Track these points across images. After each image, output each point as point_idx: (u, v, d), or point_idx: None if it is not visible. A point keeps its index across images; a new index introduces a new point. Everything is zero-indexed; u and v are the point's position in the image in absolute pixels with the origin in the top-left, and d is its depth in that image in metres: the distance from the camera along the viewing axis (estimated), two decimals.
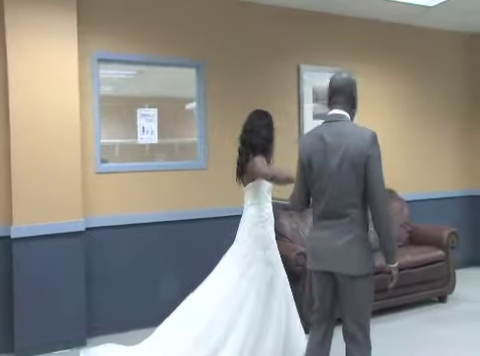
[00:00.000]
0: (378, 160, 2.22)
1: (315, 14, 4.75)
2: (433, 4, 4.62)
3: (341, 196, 2.26)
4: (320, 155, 2.31)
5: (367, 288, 2.29)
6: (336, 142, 2.26)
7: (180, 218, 4.11)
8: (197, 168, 4.21)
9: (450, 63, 5.72)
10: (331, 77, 2.46)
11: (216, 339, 2.78)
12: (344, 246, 2.25)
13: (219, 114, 4.28)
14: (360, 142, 2.21)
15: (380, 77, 5.20)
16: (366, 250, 2.27)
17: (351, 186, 2.23)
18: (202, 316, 2.89)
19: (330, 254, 2.30)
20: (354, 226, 2.25)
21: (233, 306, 2.84)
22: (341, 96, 2.37)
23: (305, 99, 4.70)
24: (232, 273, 2.95)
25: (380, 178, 2.20)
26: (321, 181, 2.31)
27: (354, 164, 2.20)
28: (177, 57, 4.11)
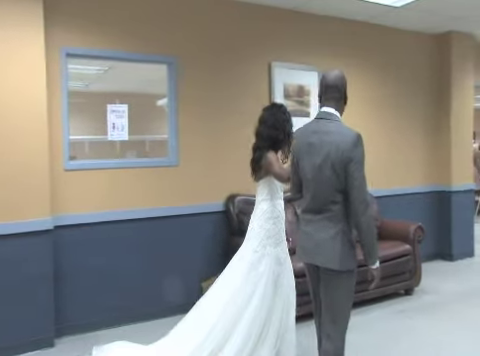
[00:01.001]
0: (359, 163, 2.23)
1: (286, 12, 4.78)
2: (399, 4, 4.72)
3: (323, 193, 2.31)
4: (305, 153, 2.38)
5: (347, 285, 2.32)
6: (320, 142, 2.31)
7: (152, 215, 4.08)
8: (168, 165, 4.18)
9: (416, 63, 5.86)
10: (323, 75, 2.50)
11: (221, 336, 2.82)
12: (327, 240, 2.29)
13: (191, 111, 4.26)
14: (342, 144, 2.23)
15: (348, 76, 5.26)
16: (348, 246, 2.28)
17: (332, 184, 2.27)
18: (208, 317, 2.92)
19: (314, 248, 2.35)
20: (337, 221, 2.29)
21: (240, 300, 2.88)
22: (332, 93, 2.41)
23: (276, 96, 4.73)
24: (241, 267, 2.97)
25: (359, 182, 2.21)
26: (305, 178, 2.39)
27: (334, 164, 2.24)
28: (148, 53, 4.06)
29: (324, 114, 2.39)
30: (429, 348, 3.40)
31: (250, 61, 4.60)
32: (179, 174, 4.22)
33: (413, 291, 4.65)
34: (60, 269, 3.70)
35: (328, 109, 2.40)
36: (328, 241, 2.28)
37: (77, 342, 3.65)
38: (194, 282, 4.26)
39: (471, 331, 3.69)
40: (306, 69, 4.92)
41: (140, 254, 4.05)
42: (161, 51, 4.12)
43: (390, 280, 4.38)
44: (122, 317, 3.97)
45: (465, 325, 3.81)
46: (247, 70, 4.59)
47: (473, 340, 3.51)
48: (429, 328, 3.77)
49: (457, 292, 4.69)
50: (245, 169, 4.52)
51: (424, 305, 4.34)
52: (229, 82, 4.48)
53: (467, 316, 4.03)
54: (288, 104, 4.77)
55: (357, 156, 2.23)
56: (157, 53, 4.10)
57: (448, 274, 5.37)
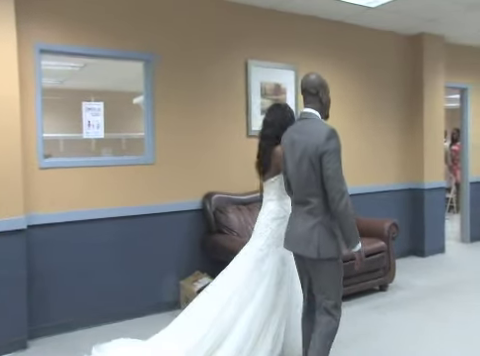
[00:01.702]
0: (333, 155, 2.38)
1: (263, 11, 4.79)
2: (374, 5, 4.80)
3: (303, 187, 2.49)
4: (290, 150, 2.58)
5: (332, 270, 2.48)
6: (300, 139, 2.50)
7: (128, 214, 4.05)
8: (145, 163, 4.15)
9: (391, 63, 5.96)
10: (303, 77, 2.66)
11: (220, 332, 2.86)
12: (307, 231, 2.47)
13: (167, 108, 4.24)
14: (317, 138, 2.41)
15: (325, 75, 5.31)
16: (328, 235, 2.43)
17: (311, 178, 2.43)
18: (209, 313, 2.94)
19: (296, 239, 2.55)
20: (316, 213, 2.45)
21: (242, 298, 2.91)
22: (309, 96, 2.59)
23: (252, 94, 4.74)
24: (245, 265, 3.01)
25: (334, 173, 2.36)
26: (291, 173, 2.58)
27: (311, 158, 2.42)
28: (125, 50, 4.02)
29: (304, 114, 2.60)
30: (404, 342, 3.47)
31: (227, 59, 4.61)
32: (156, 172, 4.19)
33: (387, 287, 4.73)
34: (34, 269, 3.63)
35: (307, 109, 2.59)
36: (307, 232, 2.46)
37: (52, 343, 3.59)
38: (172, 280, 4.25)
39: (442, 324, 3.78)
40: (283, 68, 4.95)
41: (117, 253, 4.02)
42: (138, 48, 4.08)
43: (366, 276, 4.45)
44: (99, 317, 3.92)
45: (437, 319, 3.91)
46: (224, 68, 4.59)
47: (444, 333, 3.61)
48: (403, 323, 3.85)
49: (429, 287, 4.81)
50: (222, 167, 4.55)
51: (398, 300, 4.43)
52: (206, 80, 4.48)
53: (439, 310, 4.13)
54: (264, 103, 4.82)
55: (330, 148, 2.38)
56: (134, 50, 4.06)
57: (421, 270, 5.49)
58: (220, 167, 4.57)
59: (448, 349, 3.33)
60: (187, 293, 4.11)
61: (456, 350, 3.32)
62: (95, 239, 3.91)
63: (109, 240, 3.97)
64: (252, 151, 4.73)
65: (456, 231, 7.29)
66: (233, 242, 3.97)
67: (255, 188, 4.67)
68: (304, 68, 5.07)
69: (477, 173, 7.04)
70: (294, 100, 5.02)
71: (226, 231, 4.22)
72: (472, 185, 6.99)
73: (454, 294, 4.59)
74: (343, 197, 2.35)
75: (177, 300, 4.26)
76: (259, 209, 4.53)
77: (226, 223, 4.23)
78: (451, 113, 9.80)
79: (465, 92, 6.88)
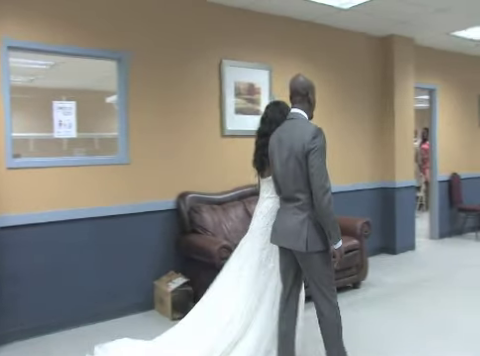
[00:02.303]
0: (318, 153, 2.48)
1: (237, 10, 4.80)
2: (346, 7, 4.87)
3: (292, 184, 2.57)
4: (277, 149, 2.66)
5: (320, 263, 2.55)
6: (287, 138, 2.60)
7: (102, 214, 3.99)
8: (119, 163, 4.10)
9: (363, 64, 6.06)
10: (290, 80, 2.76)
11: (235, 333, 2.87)
12: (296, 226, 2.55)
13: (141, 108, 4.20)
14: (303, 137, 2.50)
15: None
16: (316, 229, 2.52)
17: (298, 175, 2.53)
18: (223, 313, 2.95)
19: (285, 233, 2.62)
20: (305, 208, 2.54)
21: (253, 297, 2.93)
22: (298, 97, 2.69)
23: (227, 94, 4.75)
24: (252, 265, 3.00)
25: (317, 170, 2.46)
26: (279, 171, 2.65)
27: (298, 156, 2.51)
28: (97, 48, 3.96)
29: (292, 114, 2.70)
30: (377, 338, 3.54)
31: (201, 58, 4.59)
32: (130, 172, 4.15)
33: (360, 284, 4.81)
34: (4, 272, 3.55)
35: (294, 110, 2.70)
36: (295, 227, 2.54)
37: (23, 348, 3.52)
38: (146, 281, 4.22)
39: (413, 320, 3.87)
40: (257, 67, 4.97)
41: (90, 254, 3.96)
42: (111, 47, 4.03)
43: (339, 274, 4.50)
44: (72, 319, 3.85)
45: (408, 315, 4.00)
46: (198, 67, 4.57)
47: (415, 328, 3.69)
48: (376, 319, 3.92)
49: (400, 284, 4.91)
50: (197, 167, 4.54)
51: (371, 297, 4.51)
52: (180, 79, 4.46)
53: (410, 306, 4.23)
54: (238, 102, 4.83)
55: (316, 146, 2.48)
56: (107, 48, 4.01)
57: (392, 267, 5.60)
58: (195, 167, 4.56)
59: (420, 343, 3.41)
60: (161, 293, 4.09)
61: (428, 343, 3.40)
62: (68, 240, 3.84)
63: (82, 241, 3.91)
64: (227, 151, 4.77)
65: (426, 228, 7.47)
66: (207, 242, 3.97)
67: (229, 187, 4.71)
68: (278, 68, 5.13)
69: (445, 172, 7.23)
70: (268, 99, 5.04)
71: (200, 231, 4.21)
72: (440, 184, 7.18)
73: (423, 290, 4.71)
74: (326, 194, 2.44)
75: (151, 301, 4.23)
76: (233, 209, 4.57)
77: (200, 223, 4.22)
78: (421, 113, 10.04)
79: (433, 93, 7.06)
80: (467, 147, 7.63)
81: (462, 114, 7.57)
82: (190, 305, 4.01)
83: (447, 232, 7.29)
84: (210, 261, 3.79)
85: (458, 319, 3.87)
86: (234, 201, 4.60)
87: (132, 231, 4.16)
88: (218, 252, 3.73)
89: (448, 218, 7.32)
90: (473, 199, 7.51)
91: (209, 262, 3.81)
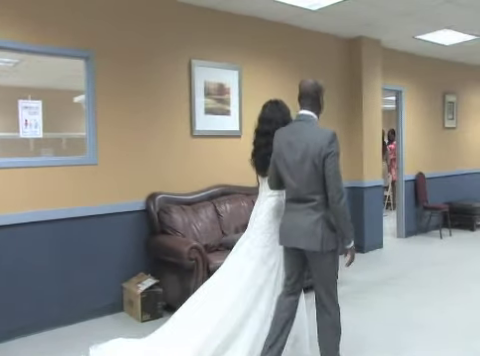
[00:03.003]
0: (335, 158, 2.56)
1: (207, 10, 4.80)
2: (315, 8, 4.93)
3: (306, 185, 2.61)
4: (287, 150, 2.69)
5: (331, 262, 2.67)
6: (300, 140, 2.63)
7: (70, 216, 3.92)
8: (87, 163, 4.04)
9: (332, 65, 6.15)
10: (300, 82, 2.83)
11: (230, 329, 2.87)
12: (310, 226, 2.59)
13: (110, 108, 4.15)
14: (320, 141, 2.56)
15: (267, 76, 5.42)
16: (329, 229, 2.60)
17: (313, 177, 2.58)
18: (217, 309, 2.93)
19: (298, 233, 2.64)
20: (319, 209, 2.60)
21: (252, 293, 2.94)
22: (308, 99, 2.75)
23: (196, 94, 4.74)
24: (253, 262, 3.00)
25: (335, 174, 2.54)
26: (288, 172, 2.68)
27: (314, 159, 2.56)
28: (63, 46, 3.88)
29: (302, 116, 2.74)
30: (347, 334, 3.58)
31: (170, 58, 4.57)
32: (98, 173, 4.10)
33: None
34: None
35: (305, 111, 2.74)
36: (310, 227, 2.59)
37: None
38: (115, 283, 4.17)
39: (380, 317, 3.96)
40: (227, 67, 4.98)
41: (57, 256, 3.88)
42: (78, 45, 3.96)
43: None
44: (38, 323, 3.78)
45: (376, 312, 4.09)
46: (167, 67, 4.55)
47: (382, 325, 3.78)
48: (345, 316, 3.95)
49: (368, 282, 5.02)
50: (166, 167, 4.51)
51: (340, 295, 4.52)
52: (149, 79, 4.42)
53: (377, 304, 4.32)
54: (208, 102, 4.83)
55: (333, 151, 2.56)
56: (73, 47, 3.94)
57: (360, 265, 5.69)
58: (164, 167, 4.53)
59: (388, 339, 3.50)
60: (130, 295, 4.06)
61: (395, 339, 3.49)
62: (34, 243, 3.76)
63: (48, 243, 3.84)
64: (197, 151, 4.77)
65: (393, 227, 7.64)
66: (177, 242, 3.96)
67: (199, 188, 4.71)
68: (248, 68, 5.15)
69: (411, 171, 7.42)
70: (238, 100, 5.07)
71: (170, 231, 4.19)
72: (407, 183, 7.36)
73: (390, 287, 4.82)
74: (343, 196, 2.55)
75: (120, 303, 4.19)
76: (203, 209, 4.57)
77: (170, 223, 4.21)
78: (388, 115, 10.26)
79: (400, 94, 7.23)
80: (432, 147, 7.84)
81: (427, 115, 7.78)
82: (159, 306, 4.01)
83: (413, 230, 7.48)
84: (180, 262, 3.79)
85: (424, 315, 3.98)
86: (204, 201, 4.60)
87: (100, 233, 4.11)
88: (188, 253, 3.73)
89: (414, 217, 7.50)
90: (437, 198, 7.72)
91: (179, 263, 3.81)
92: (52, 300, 3.86)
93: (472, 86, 8.75)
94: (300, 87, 2.81)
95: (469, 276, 5.17)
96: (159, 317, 3.99)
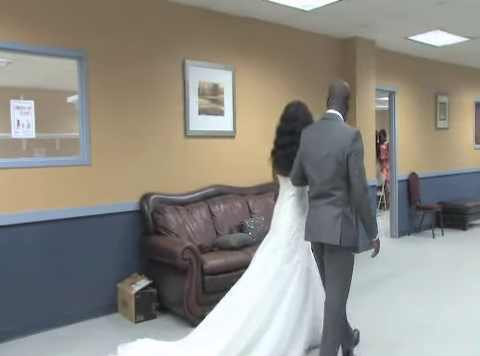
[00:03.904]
0: (359, 154, 2.66)
1: (200, 10, 4.79)
2: (309, 9, 4.94)
3: (328, 181, 2.72)
4: (313, 147, 2.80)
5: (347, 259, 2.76)
6: (326, 137, 2.76)
7: (63, 217, 3.90)
8: (80, 164, 4.02)
9: (325, 66, 6.15)
10: (330, 83, 2.98)
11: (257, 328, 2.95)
12: (330, 220, 2.70)
13: (103, 108, 4.13)
14: (344, 139, 2.67)
15: (261, 76, 5.42)
16: (349, 226, 2.70)
17: (336, 173, 2.69)
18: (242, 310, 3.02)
19: (319, 227, 2.76)
20: (339, 204, 2.70)
21: (276, 292, 3.03)
22: (337, 99, 2.88)
23: (190, 94, 4.73)
24: (277, 260, 3.11)
25: (359, 171, 2.65)
26: (313, 169, 2.80)
27: (338, 156, 2.67)
28: (56, 46, 3.86)
29: (329, 115, 2.87)
30: None
31: (164, 58, 4.56)
32: (91, 173, 4.08)
33: None
34: None
35: (332, 111, 2.87)
36: (331, 222, 2.69)
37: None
38: (109, 284, 4.16)
39: (374, 315, 3.98)
40: (221, 68, 4.97)
41: (51, 258, 3.86)
42: (71, 45, 3.94)
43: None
44: (32, 325, 3.75)
45: (369, 311, 4.10)
46: (161, 67, 4.54)
47: (375, 324, 3.79)
48: None
49: (362, 281, 4.98)
50: (160, 167, 4.50)
51: None
52: (143, 79, 4.41)
53: (371, 303, 4.34)
54: (202, 102, 4.82)
55: (357, 149, 2.66)
56: (66, 47, 3.91)
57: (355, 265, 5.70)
58: (158, 167, 4.52)
59: (381, 338, 3.51)
60: (124, 296, 4.04)
61: (388, 338, 3.50)
62: (27, 244, 3.73)
63: (44, 244, 3.82)
64: (191, 151, 4.76)
65: (386, 227, 7.67)
66: (171, 243, 3.96)
67: (193, 188, 4.70)
68: (241, 68, 5.15)
69: (404, 171, 7.45)
70: (231, 100, 5.07)
71: (164, 232, 4.18)
72: (400, 183, 7.39)
73: (384, 286, 4.84)
74: (367, 192, 2.67)
75: (114, 303, 4.18)
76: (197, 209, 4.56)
77: (164, 224, 4.20)
78: (380, 115, 10.30)
79: (393, 95, 7.26)
80: (425, 147, 7.89)
81: (420, 116, 7.82)
82: (153, 307, 4.00)
83: (406, 230, 7.51)
84: (174, 262, 3.78)
85: (417, 314, 4.01)
86: (198, 202, 4.60)
87: (94, 233, 4.09)
88: (182, 253, 3.72)
89: (407, 216, 7.54)
90: (430, 198, 7.77)
91: (173, 263, 3.80)
92: (46, 301, 3.84)
93: (463, 87, 8.82)
94: (330, 87, 2.93)
95: (462, 275, 5.21)
96: (153, 318, 3.99)
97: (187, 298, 3.76)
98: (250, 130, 5.26)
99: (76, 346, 3.46)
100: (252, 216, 4.78)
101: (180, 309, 3.87)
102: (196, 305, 3.81)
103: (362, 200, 2.65)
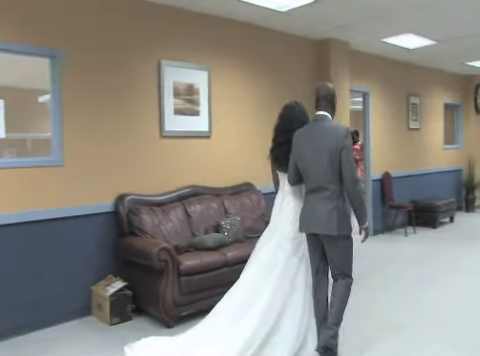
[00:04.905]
0: (349, 150, 2.95)
1: (176, 10, 4.76)
2: (284, 10, 4.97)
3: (322, 176, 2.98)
4: (306, 146, 3.06)
5: (345, 245, 3.05)
6: (318, 136, 3.03)
7: (35, 218, 3.82)
8: (53, 165, 3.95)
9: (300, 66, 6.20)
10: (317, 87, 3.21)
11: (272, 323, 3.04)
12: (326, 214, 2.95)
13: (76, 107, 4.07)
14: (336, 136, 2.96)
15: (236, 76, 5.43)
16: (343, 216, 2.98)
17: (329, 168, 2.95)
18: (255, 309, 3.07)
19: (316, 220, 3.00)
20: (333, 198, 2.97)
21: (286, 287, 3.14)
22: (325, 102, 3.12)
23: (166, 94, 4.70)
24: (284, 255, 3.20)
25: (350, 165, 2.93)
26: (308, 166, 3.05)
27: (331, 153, 2.94)
28: (27, 44, 3.77)
29: (319, 116, 3.12)
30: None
31: (139, 58, 4.51)
32: (65, 174, 4.01)
33: None
34: None
35: (322, 112, 3.12)
36: (327, 214, 2.95)
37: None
38: (83, 286, 4.10)
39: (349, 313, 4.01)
40: (196, 68, 4.95)
41: (23, 261, 3.77)
42: (43, 43, 3.86)
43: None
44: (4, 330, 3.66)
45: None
46: (136, 67, 4.49)
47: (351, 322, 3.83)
48: None
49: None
50: (135, 168, 4.46)
51: None
52: (117, 78, 4.35)
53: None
54: (177, 102, 4.80)
55: (347, 144, 2.95)
56: (38, 45, 3.84)
57: None
58: (133, 168, 4.48)
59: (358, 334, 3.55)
60: (99, 299, 3.99)
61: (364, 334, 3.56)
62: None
63: (15, 247, 3.73)
64: (166, 151, 4.73)
65: None
66: (147, 244, 3.93)
67: (169, 189, 4.67)
68: (217, 69, 5.15)
69: (378, 171, 7.58)
70: (207, 100, 5.06)
71: (139, 233, 4.15)
72: (373, 182, 7.51)
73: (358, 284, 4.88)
74: (358, 183, 2.95)
75: (88, 306, 4.11)
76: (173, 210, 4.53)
77: (139, 225, 4.16)
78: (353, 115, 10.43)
79: (367, 95, 7.37)
80: (398, 148, 8.04)
81: (393, 117, 7.97)
82: (129, 309, 3.96)
83: (380, 229, 7.64)
84: (149, 263, 3.75)
85: (392, 311, 4.08)
86: (174, 202, 4.57)
87: (68, 235, 4.02)
88: (157, 254, 3.70)
89: (380, 215, 7.67)
90: (403, 197, 7.92)
91: (148, 264, 3.77)
92: (18, 306, 3.75)
93: (433, 89, 9.04)
94: (318, 91, 3.16)
95: (433, 272, 5.33)
96: (128, 320, 3.95)
97: (163, 299, 3.74)
98: (226, 130, 5.26)
99: (49, 351, 3.40)
100: (228, 216, 4.78)
101: (156, 310, 3.84)
102: (172, 306, 3.79)
103: (354, 191, 2.93)
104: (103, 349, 3.43)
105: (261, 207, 5.19)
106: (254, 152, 5.55)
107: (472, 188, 9.78)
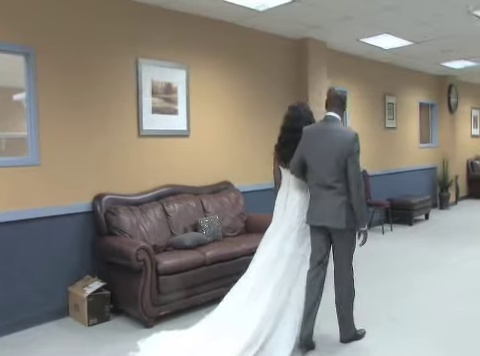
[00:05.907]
0: (357, 155, 3.16)
1: (155, 9, 4.74)
2: (262, 9, 5.00)
3: (329, 174, 3.18)
4: (313, 145, 3.25)
5: (350, 238, 3.27)
6: (327, 137, 3.22)
7: (10, 219, 3.75)
8: (28, 164, 3.88)
9: (279, 66, 6.24)
10: (330, 88, 3.45)
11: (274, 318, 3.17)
12: (336, 208, 3.17)
13: (52, 106, 4.01)
14: (344, 139, 3.16)
15: (215, 75, 5.43)
16: (350, 212, 3.17)
17: (336, 169, 3.15)
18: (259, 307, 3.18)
19: (325, 214, 3.21)
20: (341, 195, 3.17)
21: (287, 279, 3.29)
22: (336, 102, 3.31)
23: (143, 93, 4.67)
24: (286, 255, 3.34)
25: (357, 168, 3.14)
26: (313, 162, 3.25)
27: (338, 155, 3.13)
28: (1, 42, 3.70)
29: (329, 117, 3.30)
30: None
31: (117, 56, 4.47)
32: (41, 174, 3.95)
33: None
34: None
35: (332, 114, 3.30)
36: (336, 209, 3.17)
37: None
38: (60, 287, 4.05)
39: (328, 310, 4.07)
40: (175, 67, 4.94)
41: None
42: (17, 40, 3.79)
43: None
44: None
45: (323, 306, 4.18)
46: (113, 65, 4.45)
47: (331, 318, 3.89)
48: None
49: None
50: (113, 167, 4.42)
51: None
52: (95, 77, 4.31)
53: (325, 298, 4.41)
54: (155, 101, 4.78)
55: (355, 148, 3.15)
56: (12, 42, 3.76)
57: None
58: (111, 167, 4.44)
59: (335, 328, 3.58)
60: (76, 299, 3.95)
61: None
62: None
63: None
64: (144, 150, 4.71)
65: None
66: (125, 243, 3.90)
67: (147, 188, 4.65)
68: (195, 68, 5.14)
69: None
70: (185, 99, 5.05)
71: (117, 233, 4.12)
72: None
73: None
74: (360, 186, 3.14)
75: (65, 308, 4.07)
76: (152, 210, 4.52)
77: (117, 225, 4.13)
78: None
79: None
80: (375, 146, 8.15)
81: (370, 116, 8.08)
82: (107, 309, 3.93)
83: None
84: (128, 263, 3.74)
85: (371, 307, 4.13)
86: (152, 202, 4.55)
87: (44, 236, 3.97)
88: (136, 254, 3.68)
89: None
90: (380, 195, 8.04)
91: (127, 264, 3.76)
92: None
93: (408, 89, 9.21)
94: (330, 93, 3.37)
95: (409, 268, 5.43)
96: (107, 320, 3.92)
97: (141, 299, 3.73)
98: (204, 129, 5.26)
99: (25, 354, 3.35)
100: (206, 215, 4.79)
101: (134, 310, 3.82)
102: (151, 306, 3.78)
103: (357, 192, 3.12)
104: (80, 350, 3.40)
105: (240, 206, 5.21)
106: (232, 151, 5.57)
107: (446, 186, 10.00)
